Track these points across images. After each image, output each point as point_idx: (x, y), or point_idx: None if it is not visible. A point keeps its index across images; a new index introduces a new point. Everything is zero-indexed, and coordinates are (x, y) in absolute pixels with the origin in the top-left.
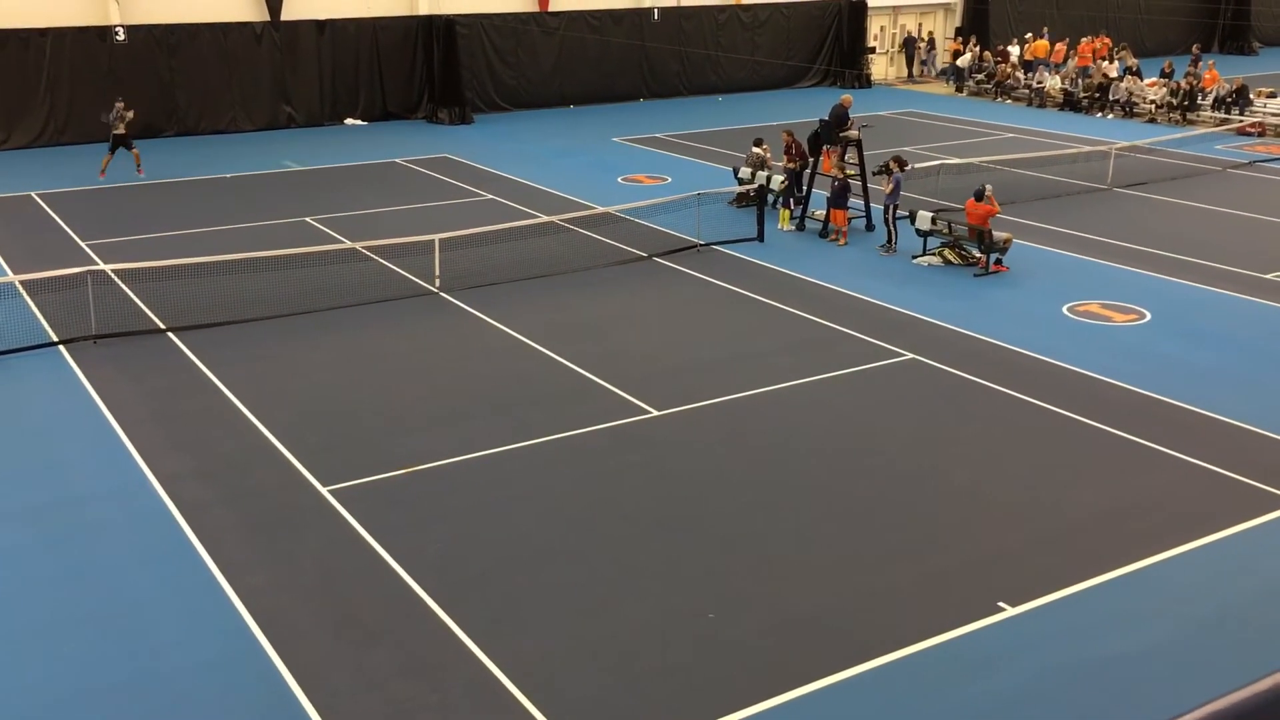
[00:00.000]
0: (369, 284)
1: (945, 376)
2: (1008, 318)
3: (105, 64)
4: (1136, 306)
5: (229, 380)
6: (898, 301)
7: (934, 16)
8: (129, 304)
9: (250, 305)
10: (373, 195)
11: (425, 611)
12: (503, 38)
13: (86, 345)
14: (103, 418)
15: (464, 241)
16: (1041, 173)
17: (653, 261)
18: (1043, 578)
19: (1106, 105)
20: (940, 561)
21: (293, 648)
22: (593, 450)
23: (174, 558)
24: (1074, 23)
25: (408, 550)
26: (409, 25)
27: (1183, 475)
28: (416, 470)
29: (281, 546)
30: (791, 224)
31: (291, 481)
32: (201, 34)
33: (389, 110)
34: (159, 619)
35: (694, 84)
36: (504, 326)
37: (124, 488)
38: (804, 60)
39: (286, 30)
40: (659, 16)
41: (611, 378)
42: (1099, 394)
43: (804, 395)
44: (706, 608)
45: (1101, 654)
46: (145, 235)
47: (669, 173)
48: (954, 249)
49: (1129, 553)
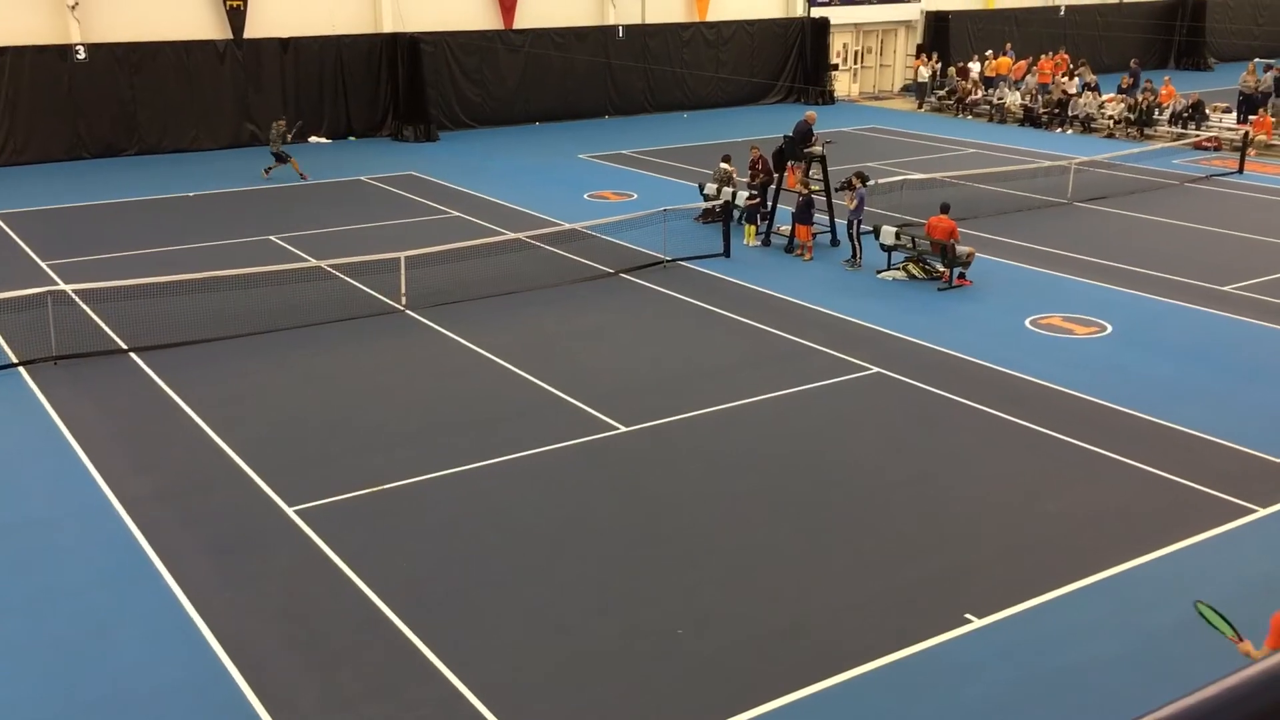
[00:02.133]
0: (334, 303)
1: (910, 390)
2: (971, 331)
3: (66, 83)
4: (1098, 319)
5: (192, 400)
6: (863, 315)
7: (895, 34)
8: (90, 324)
9: (214, 324)
10: (338, 213)
11: (393, 632)
12: (467, 55)
13: (47, 366)
14: (64, 439)
15: (430, 259)
16: (1003, 187)
17: (619, 278)
18: (1009, 589)
19: (1066, 121)
20: (908, 574)
21: (259, 670)
22: (561, 467)
23: (137, 580)
24: (1033, 40)
25: (375, 570)
26: (373, 43)
27: (1144, 485)
28: (383, 489)
29: (246, 568)
30: (757, 239)
31: (256, 502)
32: (163, 52)
33: (353, 128)
34: (123, 643)
35: (659, 101)
36: (471, 344)
37: (86, 510)
38: (768, 77)
39: (249, 48)
40: (624, 34)
41: (579, 394)
42: (1062, 406)
43: (771, 409)
44: (675, 624)
45: (1067, 664)
46: (107, 255)
47: (635, 189)
48: (918, 263)
49: (1093, 563)
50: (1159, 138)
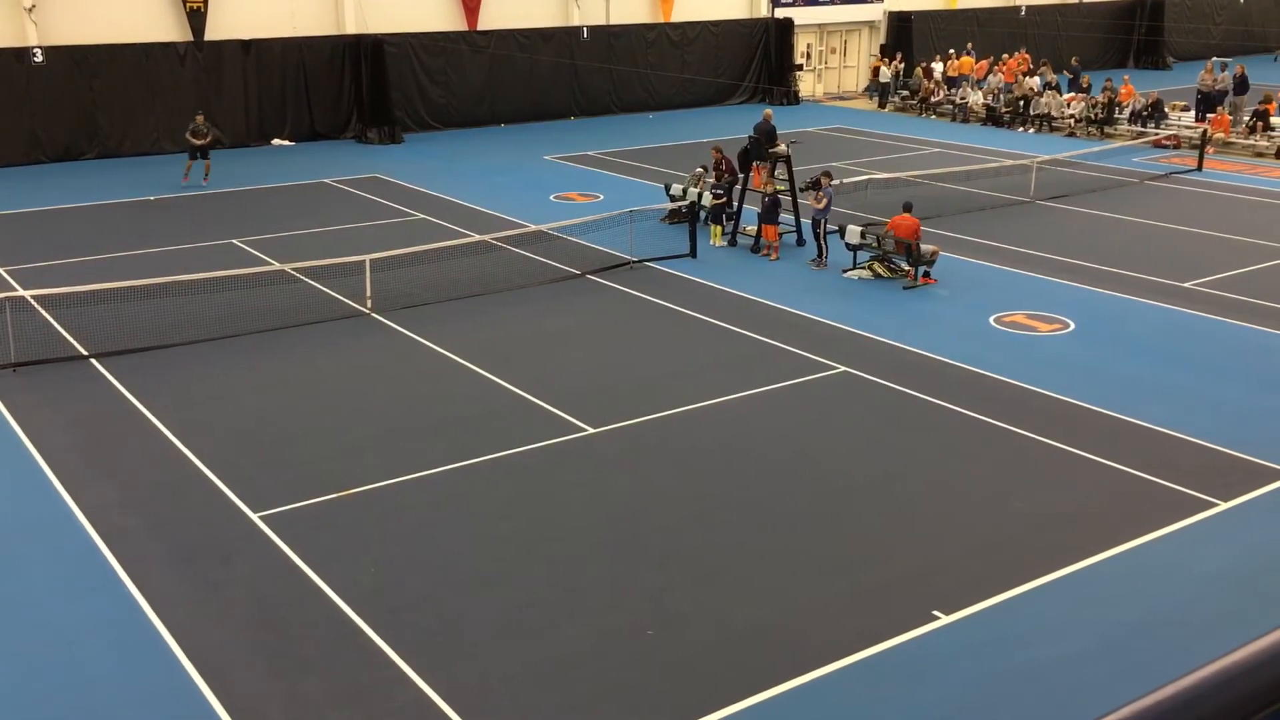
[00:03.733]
0: (299, 306)
1: (877, 389)
2: (937, 329)
3: (23, 85)
4: (1061, 316)
5: (155, 407)
6: (829, 315)
7: (859, 34)
8: (50, 330)
9: (176, 329)
10: (302, 216)
11: (361, 638)
12: (431, 56)
13: (6, 374)
14: (23, 448)
15: (395, 262)
16: (966, 186)
17: (586, 279)
18: (976, 586)
19: (1028, 120)
20: (876, 572)
21: (225, 680)
22: (529, 469)
23: (101, 590)
24: (994, 39)
25: (342, 576)
26: (336, 45)
27: (1108, 481)
28: (350, 494)
29: (212, 576)
30: (723, 240)
31: (221, 509)
32: (122, 55)
33: (317, 130)
34: (86, 654)
35: (624, 101)
36: (437, 347)
37: (47, 519)
38: (733, 78)
39: (210, 50)
40: (588, 34)
41: (546, 396)
42: (1026, 403)
43: (739, 410)
44: (646, 625)
45: (1034, 659)
46: (66, 260)
47: (601, 190)
48: (883, 262)
49: (1058, 558)
50: (1119, 136)
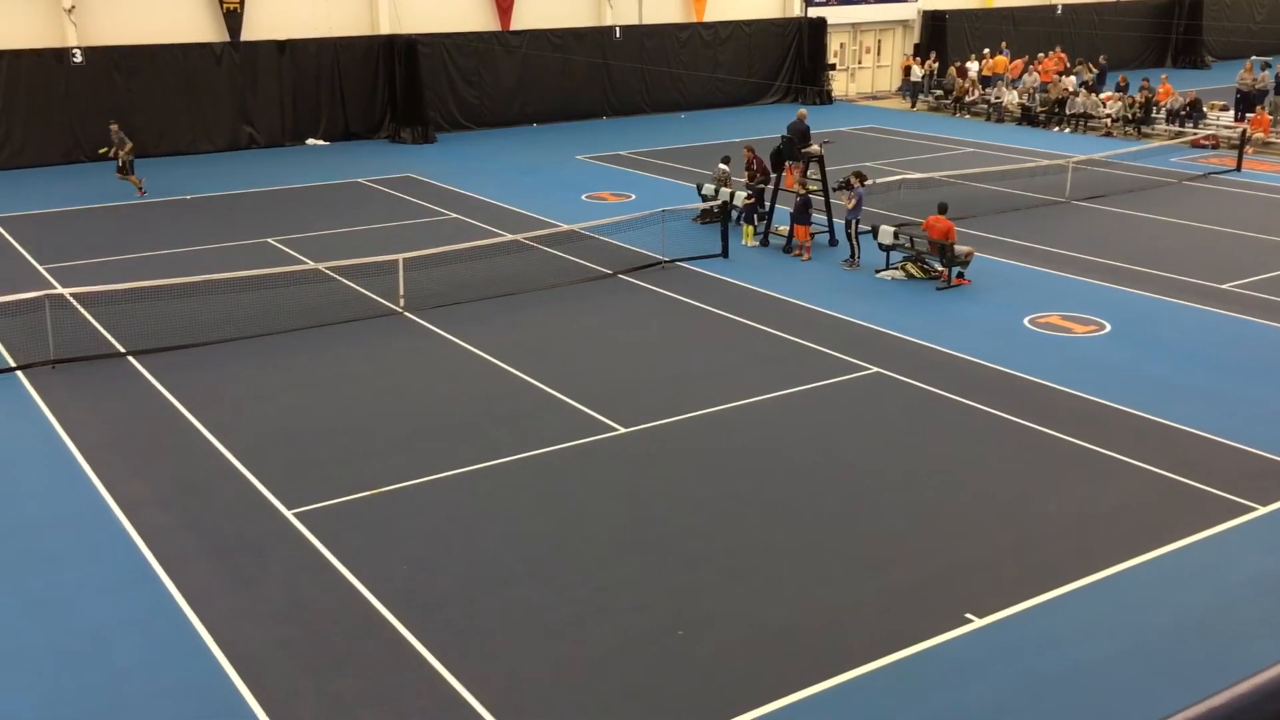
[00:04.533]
0: (332, 305)
1: (909, 389)
2: (970, 330)
3: (63, 86)
4: (1096, 318)
5: (190, 404)
6: (861, 315)
7: (893, 34)
8: (88, 328)
9: (212, 327)
10: (335, 216)
11: (392, 635)
12: (465, 56)
13: (45, 370)
14: (62, 444)
15: (428, 261)
16: (1001, 186)
17: (618, 279)
18: (1008, 588)
19: (1063, 120)
20: (908, 573)
21: (258, 674)
22: (559, 469)
23: (136, 585)
24: (1030, 39)
25: (373, 573)
26: (370, 45)
27: (1143, 484)
28: (382, 492)
29: (245, 571)
30: (755, 240)
31: (255, 505)
32: (160, 55)
33: (351, 130)
34: (122, 647)
35: (656, 101)
36: (469, 345)
37: (84, 514)
38: (765, 77)
39: (246, 51)
40: (621, 34)
41: (577, 395)
42: (1061, 404)
43: (770, 410)
44: (675, 625)
45: (1067, 663)
46: (104, 258)
47: (633, 190)
48: (916, 263)
49: (1092, 562)
50: (1156, 136)
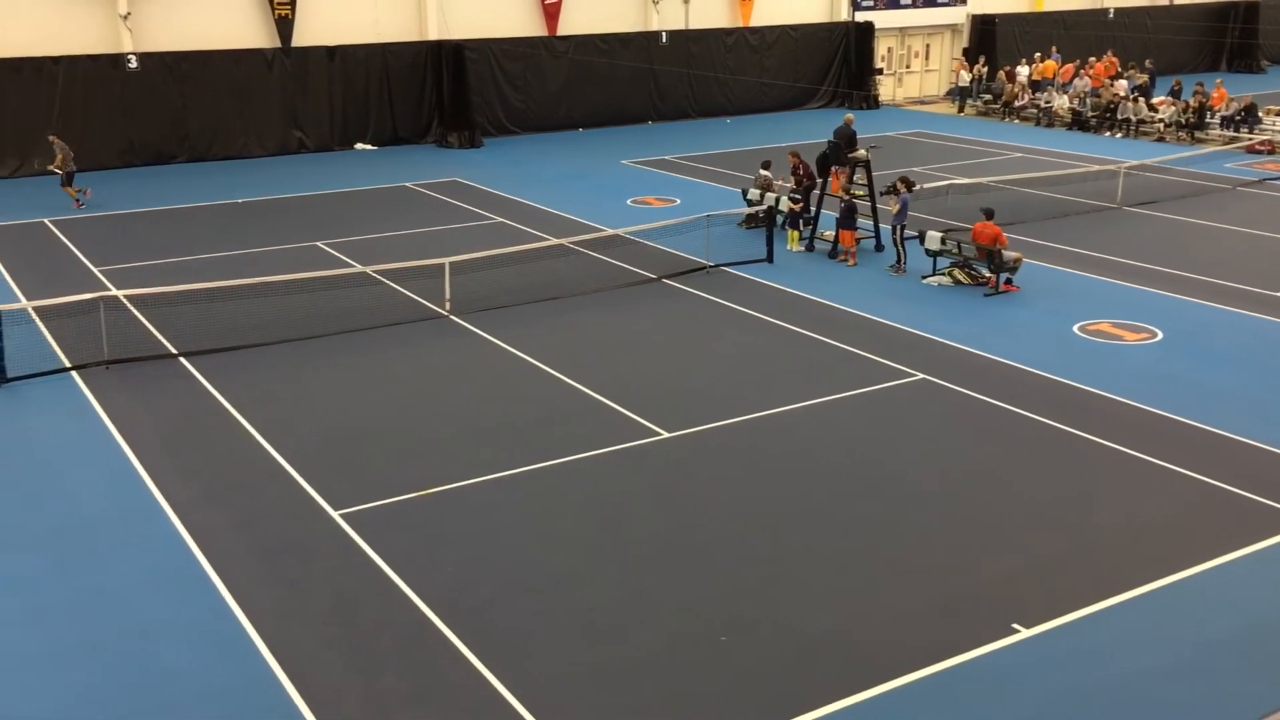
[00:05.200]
0: (380, 308)
1: (956, 396)
2: (1018, 337)
3: (118, 91)
4: (1148, 325)
5: (240, 404)
6: (907, 321)
7: (941, 38)
8: (141, 329)
9: (261, 329)
10: (383, 219)
11: (436, 636)
12: (511, 61)
13: (99, 370)
14: (114, 443)
15: (474, 264)
16: (1051, 192)
17: (662, 283)
18: (1057, 599)
19: (1115, 124)
20: (953, 583)
21: (304, 674)
22: (603, 472)
23: (185, 583)
24: (1082, 43)
25: (419, 574)
26: (418, 50)
27: (1196, 495)
28: (427, 494)
29: (292, 571)
30: (800, 245)
31: (302, 506)
32: (213, 61)
33: (399, 135)
34: (170, 645)
35: (702, 106)
36: (514, 349)
37: (135, 513)
38: (812, 81)
39: (297, 56)
40: (667, 39)
41: (621, 399)
42: (1111, 413)
43: (814, 416)
44: (717, 630)
45: (1116, 676)
46: (157, 261)
47: (678, 194)
48: (963, 269)
49: (1143, 573)
50: (1210, 141)
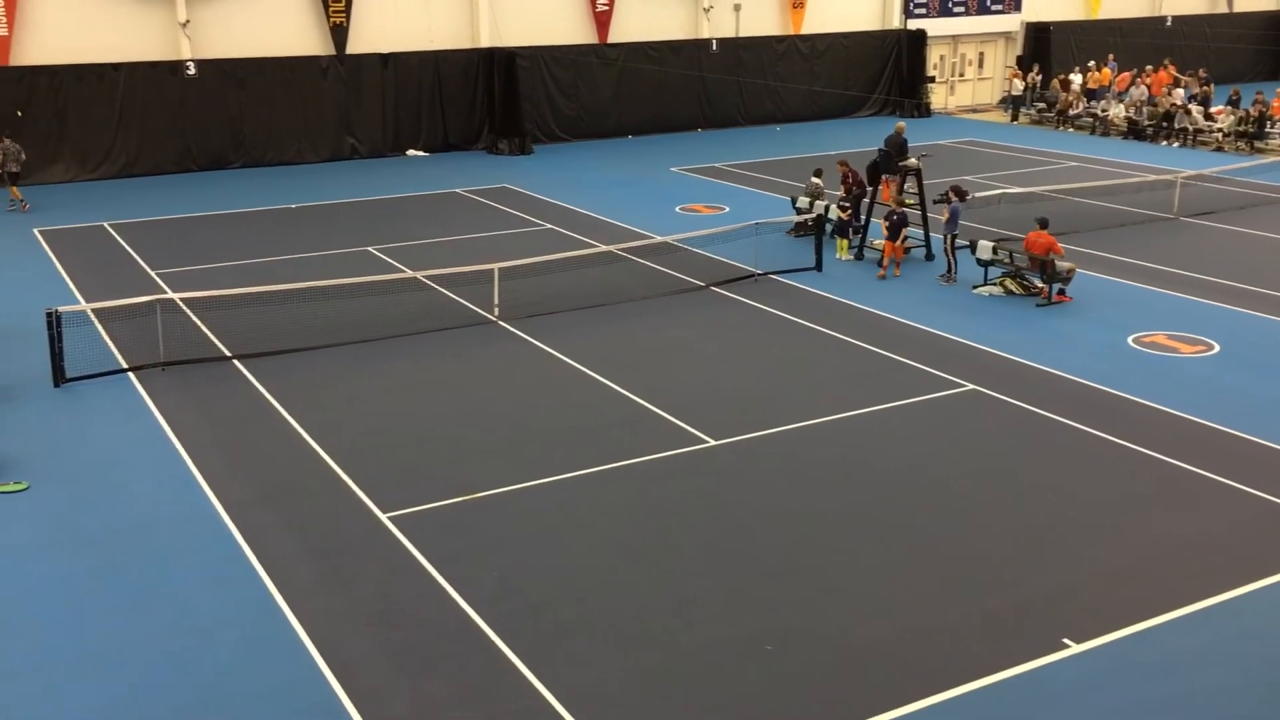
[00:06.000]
0: (429, 313)
1: (1007, 408)
2: (1071, 348)
3: (176, 97)
4: (1204, 338)
5: (292, 407)
6: (958, 331)
7: (995, 45)
8: (196, 332)
9: (313, 333)
10: (433, 225)
11: (482, 639)
12: (562, 69)
13: (155, 372)
14: (169, 443)
15: (523, 271)
16: (1106, 202)
17: (710, 291)
18: (1109, 614)
19: (1172, 133)
20: (1002, 596)
21: (352, 675)
22: (649, 479)
23: (236, 583)
24: (1138, 51)
25: (465, 578)
26: (470, 57)
27: (1253, 511)
28: (474, 498)
29: (342, 573)
30: (849, 254)
31: (352, 508)
32: (269, 68)
33: (450, 141)
34: (221, 644)
35: (752, 113)
36: (562, 355)
37: (189, 512)
38: (863, 89)
39: (351, 64)
40: (717, 47)
41: (668, 407)
42: (1166, 426)
43: (862, 426)
44: (762, 640)
45: (1170, 694)
46: (213, 264)
47: (727, 202)
48: (1015, 279)
49: (1199, 588)
50: (1270, 151)
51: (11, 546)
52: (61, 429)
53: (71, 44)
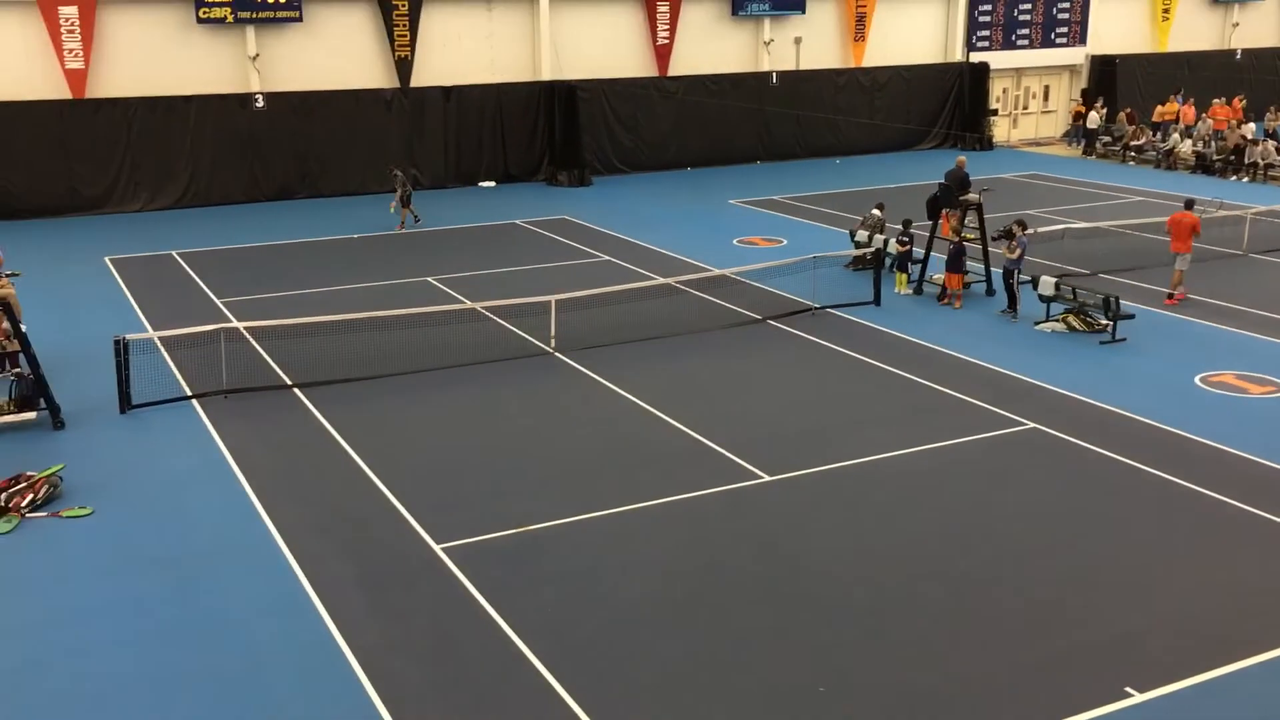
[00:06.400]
0: (487, 344)
1: (1069, 447)
2: (1136, 387)
3: (245, 129)
4: (1275, 378)
5: (350, 436)
6: (1019, 368)
7: (1059, 78)
8: (259, 360)
9: (373, 363)
10: (493, 256)
11: (533, 674)
12: (622, 102)
13: (217, 399)
14: (230, 470)
15: (580, 303)
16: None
17: (768, 324)
18: (1174, 663)
19: (1241, 168)
20: (1063, 642)
21: (403, 707)
22: (704, 514)
23: (292, 611)
24: (1206, 84)
25: (517, 611)
26: (531, 90)
27: None
28: (528, 531)
29: (395, 604)
30: (909, 288)
31: (407, 538)
32: (335, 101)
33: (510, 173)
34: (276, 673)
35: (811, 146)
36: (618, 388)
37: (248, 539)
38: (923, 123)
39: (414, 96)
40: (777, 80)
41: (724, 441)
42: (1234, 469)
43: (920, 463)
44: (815, 681)
45: None
46: (276, 293)
47: (785, 235)
48: (1079, 315)
49: (1268, 638)
50: None
51: (74, 571)
52: (126, 455)
53: (145, 76)
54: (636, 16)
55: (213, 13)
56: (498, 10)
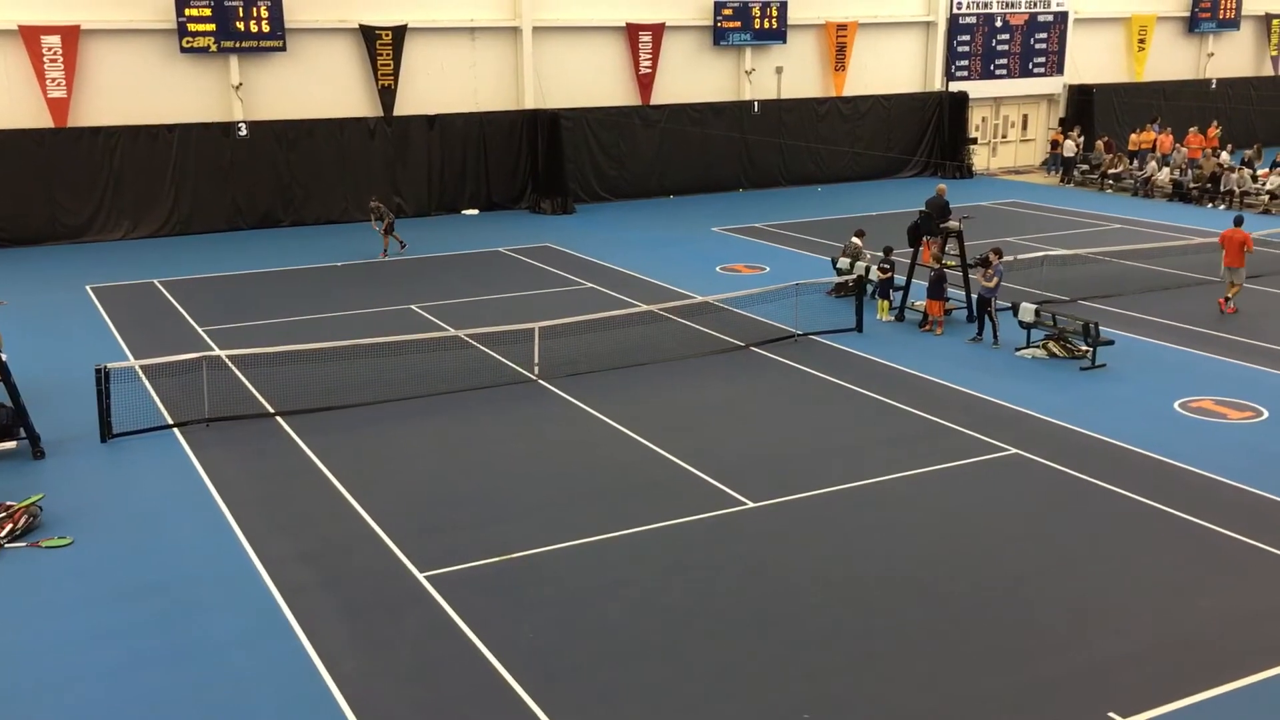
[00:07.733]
0: (470, 371)
1: (1050, 473)
2: (1116, 413)
3: (227, 158)
4: (1253, 403)
5: (332, 464)
6: (1000, 394)
7: (1038, 107)
8: (241, 388)
9: (355, 390)
10: (476, 284)
11: (516, 703)
12: (605, 130)
13: (199, 428)
14: (211, 499)
15: (563, 330)
16: (1150, 264)
17: (750, 351)
18: (1156, 688)
19: (1218, 195)
20: (1045, 668)
21: None
22: (688, 541)
23: (274, 640)
24: (1183, 113)
25: (501, 639)
26: (514, 119)
27: None
28: (512, 558)
29: (378, 632)
30: (890, 314)
31: (390, 566)
32: (318, 129)
33: (493, 200)
34: (258, 703)
35: (793, 174)
36: (601, 415)
37: (229, 568)
38: (904, 151)
39: (398, 125)
40: (759, 109)
41: (707, 468)
42: (1213, 494)
43: (902, 489)
44: (801, 708)
45: None
46: (259, 321)
47: (767, 262)
48: (1059, 341)
49: (1250, 662)
50: None
51: (53, 601)
52: (106, 484)
53: (128, 105)
54: (619, 46)
55: (196, 42)
56: (481, 39)
